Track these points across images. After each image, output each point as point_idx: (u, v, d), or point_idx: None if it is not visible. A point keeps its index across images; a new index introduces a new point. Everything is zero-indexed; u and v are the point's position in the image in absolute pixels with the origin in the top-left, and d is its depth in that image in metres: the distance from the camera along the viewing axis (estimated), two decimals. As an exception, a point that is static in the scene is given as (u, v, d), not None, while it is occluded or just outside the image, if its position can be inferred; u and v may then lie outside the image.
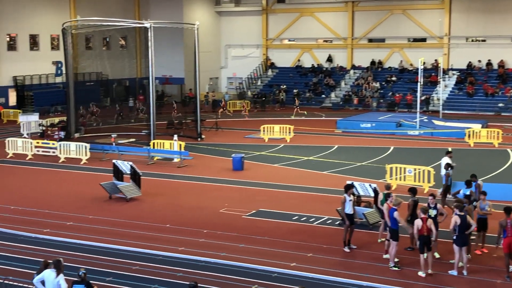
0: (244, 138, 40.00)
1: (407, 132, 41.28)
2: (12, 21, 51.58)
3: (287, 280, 16.25)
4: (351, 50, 62.69)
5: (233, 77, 67.30)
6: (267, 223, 21.45)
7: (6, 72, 51.32)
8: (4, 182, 28.13)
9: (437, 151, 34.35)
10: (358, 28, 62.19)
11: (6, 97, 51.46)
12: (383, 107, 54.53)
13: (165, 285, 15.74)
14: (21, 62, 52.43)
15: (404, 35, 60.49)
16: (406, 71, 59.44)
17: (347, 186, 19.07)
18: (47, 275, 12.66)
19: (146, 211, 22.94)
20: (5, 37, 51.52)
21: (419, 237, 16.60)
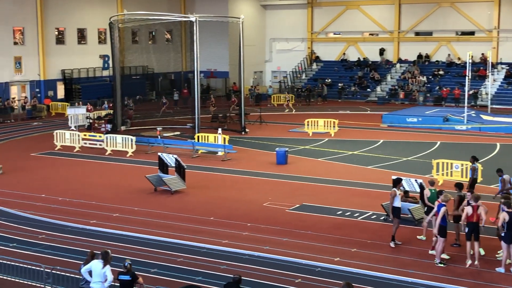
0: (288, 132, 39.95)
1: (454, 127, 40.66)
2: (61, 15, 52.46)
3: (330, 274, 16.20)
4: (398, 44, 61.94)
5: (277, 70, 67.21)
6: (311, 217, 21.40)
7: (55, 65, 52.23)
8: (52, 173, 28.69)
9: (485, 147, 33.85)
10: (405, 21, 61.37)
11: (54, 90, 52.38)
12: (429, 102, 53.78)
13: (209, 278, 15.86)
14: (69, 55, 53.29)
15: (452, 28, 59.46)
16: (454, 65, 58.46)
17: (396, 180, 18.93)
18: (94, 266, 12.90)
19: (190, 204, 23.12)
20: (53, 31, 52.42)
21: (468, 224, 16.51)
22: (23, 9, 49.28)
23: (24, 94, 49.72)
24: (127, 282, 12.72)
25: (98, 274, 12.83)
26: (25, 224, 20.73)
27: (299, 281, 15.81)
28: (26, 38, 49.92)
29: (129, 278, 12.70)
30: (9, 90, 48.68)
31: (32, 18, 50.04)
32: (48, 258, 17.06)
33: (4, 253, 17.04)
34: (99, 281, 12.82)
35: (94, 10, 55.13)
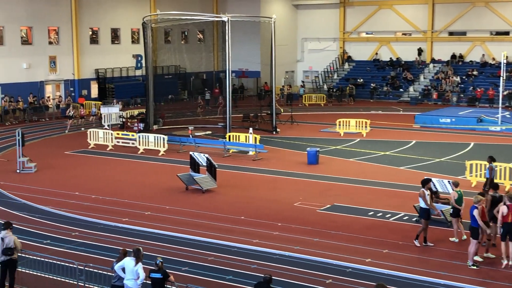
0: (320, 132, 39.81)
1: (488, 128, 40.09)
2: (95, 15, 53.01)
3: (361, 275, 16.10)
4: (431, 44, 61.30)
5: (309, 70, 67.04)
6: (342, 218, 21.30)
7: (89, 65, 52.79)
8: (86, 172, 28.99)
9: (519, 148, 33.34)
10: (438, 21, 60.71)
11: (88, 89, 52.94)
12: (463, 102, 53.13)
13: (239, 277, 15.87)
14: (102, 55, 53.83)
15: (486, 28, 58.62)
16: (488, 65, 57.65)
17: (425, 181, 18.79)
18: (126, 263, 13.01)
19: (221, 203, 23.17)
20: (88, 30, 52.98)
21: (503, 225, 16.35)
22: (58, 9, 49.91)
23: (58, 93, 50.34)
24: (158, 280, 12.80)
25: (130, 271, 12.93)
26: (59, 221, 20.99)
27: (329, 282, 15.74)
28: (61, 37, 50.53)
29: (161, 276, 12.78)
30: (44, 89, 49.32)
31: (67, 18, 50.65)
32: (81, 255, 17.25)
33: (38, 250, 17.25)
34: (132, 278, 12.92)
35: (128, 10, 55.60)
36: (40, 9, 48.38)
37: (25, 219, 21.11)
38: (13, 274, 14.75)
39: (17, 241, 14.77)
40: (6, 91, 45.67)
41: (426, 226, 18.34)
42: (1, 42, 46.47)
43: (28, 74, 47.81)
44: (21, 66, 47.34)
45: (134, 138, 34.36)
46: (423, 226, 18.36)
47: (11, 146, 33.46)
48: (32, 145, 34.81)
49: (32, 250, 16.67)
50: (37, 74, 48.59)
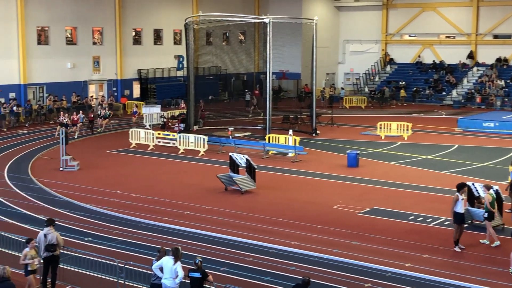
0: (360, 135, 39.56)
1: (533, 133, 39.35)
2: (138, 16, 53.62)
3: (401, 280, 15.95)
4: (475, 47, 60.39)
5: (350, 72, 66.68)
6: (381, 222, 21.13)
7: (131, 65, 53.41)
8: (127, 171, 29.33)
9: None
10: (483, 23, 59.76)
11: (130, 89, 53.57)
12: (507, 106, 52.12)
13: (277, 278, 15.87)
14: (145, 55, 54.40)
15: (533, 31, 57.61)
16: (534, 69, 56.61)
17: (460, 185, 18.62)
18: (165, 262, 13.11)
19: (260, 204, 23.21)
20: (131, 31, 53.61)
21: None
22: (102, 10, 50.62)
23: (101, 92, 51.03)
24: (197, 279, 12.87)
25: (169, 270, 13.03)
26: (100, 219, 21.29)
27: (368, 286, 15.63)
28: (105, 38, 51.24)
29: (199, 276, 12.84)
30: (88, 88, 50.11)
31: (111, 19, 51.34)
32: (121, 253, 17.45)
33: (79, 247, 17.52)
34: (170, 277, 13.01)
35: (170, 11, 56.10)
36: (85, 10, 49.13)
37: (67, 216, 21.47)
38: (55, 270, 15.00)
39: (60, 238, 15.01)
40: (50, 91, 46.54)
41: (458, 230, 18.21)
42: (47, 42, 47.36)
43: (72, 74, 48.62)
44: (66, 66, 48.15)
45: (174, 138, 34.64)
46: (456, 231, 18.28)
47: (55, 144, 34.06)
48: (75, 144, 35.37)
49: (73, 247, 16.95)
50: (81, 74, 49.37)
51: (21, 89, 45.08)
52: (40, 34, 46.96)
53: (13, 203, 23.23)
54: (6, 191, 25.11)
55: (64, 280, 15.49)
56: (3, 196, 24.15)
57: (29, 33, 45.37)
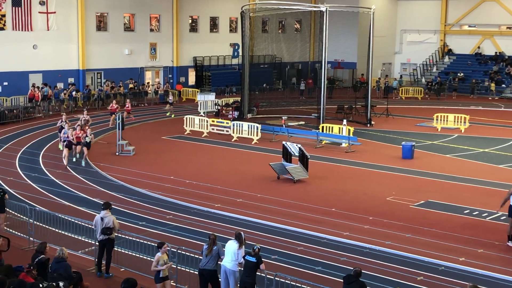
0: (416, 126, 39.01)
1: None
2: (195, 4, 53.99)
3: (454, 274, 15.72)
4: (538, 38, 58.76)
5: (407, 63, 65.71)
6: (436, 215, 20.84)
7: (187, 52, 53.88)
8: (181, 157, 29.67)
9: None
10: (547, 14, 58.12)
11: (186, 77, 54.08)
12: None
13: (328, 268, 15.84)
14: (201, 43, 54.77)
15: None
16: None
17: None
18: (228, 245, 13.46)
19: (312, 194, 23.17)
20: (187, 19, 54.03)
21: None
22: (159, -3, 51.21)
23: (157, 79, 51.69)
24: (252, 264, 13.05)
25: (231, 253, 13.31)
26: (154, 204, 21.62)
27: (420, 279, 15.47)
28: (162, 25, 51.79)
29: (255, 261, 13.04)
30: (144, 75, 50.80)
31: (168, 6, 51.83)
32: (174, 238, 17.70)
33: (133, 231, 17.81)
34: (232, 259, 13.31)
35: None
36: (143, -3, 49.77)
37: (122, 200, 21.87)
38: (110, 253, 15.31)
39: (116, 222, 15.31)
40: (108, 76, 47.34)
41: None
42: (105, 28, 48.15)
43: (130, 60, 49.37)
44: (123, 52, 48.90)
45: (228, 126, 34.82)
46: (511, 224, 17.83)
47: (112, 129, 34.67)
48: (131, 129, 35.91)
49: (128, 231, 17.24)
50: (138, 61, 50.09)
51: (79, 74, 46.02)
52: (100, 20, 47.78)
53: (71, 186, 23.79)
54: (64, 174, 25.72)
55: (118, 263, 15.79)
56: (61, 179, 24.76)
57: (89, 19, 46.20)
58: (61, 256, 13.11)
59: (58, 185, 23.89)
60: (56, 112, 41.03)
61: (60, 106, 41.61)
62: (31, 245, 16.75)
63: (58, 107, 41.74)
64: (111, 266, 15.40)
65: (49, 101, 41.46)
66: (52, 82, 43.31)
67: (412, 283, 15.20)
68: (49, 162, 27.80)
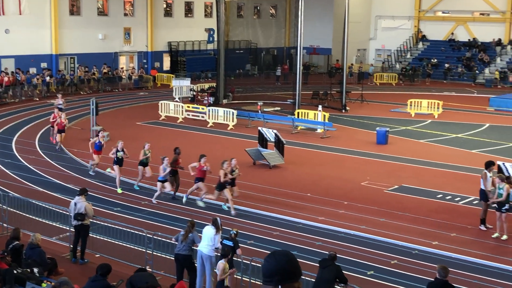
0: (390, 112, 39.26)
1: None
2: (169, -11, 53.65)
3: (428, 258, 15.93)
4: (510, 25, 59.25)
5: (381, 49, 65.96)
6: (409, 200, 21.06)
7: (162, 37, 53.51)
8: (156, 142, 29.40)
9: None
10: (519, 1, 58.67)
11: (160, 62, 53.74)
12: (541, 86, 51.40)
13: (304, 253, 15.93)
14: (176, 28, 54.41)
15: None
16: None
17: (488, 163, 18.59)
18: (205, 231, 13.51)
19: (288, 179, 23.25)
20: (162, 3, 53.62)
21: None
22: (134, -19, 50.70)
23: (132, 64, 51.26)
24: (229, 247, 13.12)
25: (208, 238, 13.38)
26: (129, 189, 21.52)
27: (394, 263, 15.66)
28: (136, 9, 51.34)
29: (232, 245, 13.11)
30: (118, 60, 50.36)
31: (142, -10, 51.41)
32: (149, 224, 17.66)
33: (108, 217, 17.77)
34: (208, 244, 13.40)
35: (202, -17, 56.01)
36: (117, -19, 49.26)
37: (97, 186, 21.76)
38: (84, 239, 15.24)
39: (89, 208, 15.17)
40: (81, 61, 46.86)
41: (485, 208, 18.05)
42: (79, 12, 47.63)
43: (103, 45, 48.90)
44: (97, 37, 48.42)
45: (204, 112, 34.75)
46: (484, 208, 18.11)
47: (85, 115, 34.37)
48: (106, 115, 35.62)
49: (103, 217, 17.18)
50: (112, 45, 49.63)
51: (52, 59, 45.48)
52: (73, 4, 47.19)
53: (44, 172, 23.59)
54: (37, 160, 25.50)
55: (94, 249, 15.73)
56: (34, 165, 24.54)
57: (62, 3, 45.63)
58: (33, 242, 13.02)
59: (32, 171, 23.68)
60: (29, 97, 40.57)
61: (33, 91, 41.12)
62: (4, 232, 16.61)
63: (31, 92, 41.25)
64: (86, 252, 15.33)
65: (21, 86, 40.95)
66: (25, 67, 42.79)
67: (386, 267, 15.38)
68: (22, 148, 27.51)
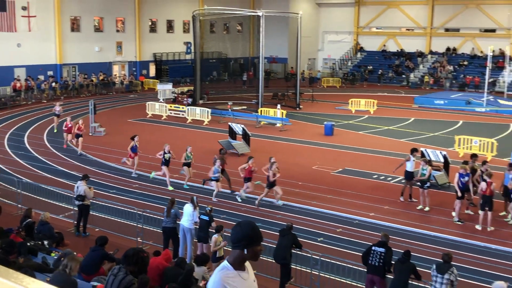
0: (335, 109, 39.50)
1: (474, 109, 39.40)
2: (154, 9, 52.99)
3: (366, 226, 16.12)
4: (430, 38, 60.06)
5: (327, 58, 66.29)
6: (351, 180, 21.23)
7: (148, 49, 52.95)
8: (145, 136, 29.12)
9: (500, 127, 32.76)
10: (437, 19, 59.41)
11: (147, 69, 53.19)
12: (455, 87, 52.16)
13: (266, 224, 15.95)
14: (159, 41, 53.89)
15: (477, 26, 57.21)
16: (477, 57, 56.37)
17: (412, 149, 18.99)
18: (185, 208, 13.38)
19: (253, 165, 23.18)
20: (148, 21, 53.02)
21: (482, 197, 16.01)
22: (124, 3, 49.98)
23: (123, 72, 50.65)
24: (205, 221, 13.09)
25: (188, 214, 13.31)
26: (122, 175, 21.30)
27: (339, 231, 15.79)
28: (126, 27, 50.67)
29: (207, 219, 13.08)
30: (112, 68, 49.69)
31: (131, 10, 50.72)
32: (139, 203, 17.50)
33: (106, 198, 17.56)
34: (188, 219, 13.36)
35: (180, 4, 55.42)
36: (110, 2, 48.50)
37: (96, 172, 21.46)
38: (86, 216, 15.08)
39: (87, 191, 14.93)
40: (82, 70, 46.15)
41: (408, 185, 18.37)
42: (78, 29, 46.78)
43: (99, 56, 48.18)
44: (94, 49, 47.69)
45: (183, 110, 34.53)
46: (406, 185, 18.47)
47: (85, 113, 33.86)
48: (102, 114, 35.18)
49: (101, 198, 16.99)
50: (107, 56, 48.94)
51: (57, 68, 44.68)
52: (73, 22, 46.34)
53: (51, 161, 23.21)
54: (46, 151, 25.07)
55: (94, 224, 15.56)
56: (43, 156, 24.12)
57: (64, 22, 44.83)
58: (43, 219, 12.83)
59: (41, 161, 23.26)
60: (37, 100, 39.85)
61: (41, 95, 40.41)
62: (19, 211, 16.30)
63: (39, 95, 40.53)
64: (87, 227, 15.16)
65: (31, 90, 40.20)
66: (34, 75, 41.99)
67: (333, 234, 15.50)
68: (33, 142, 27.03)
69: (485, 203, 15.89)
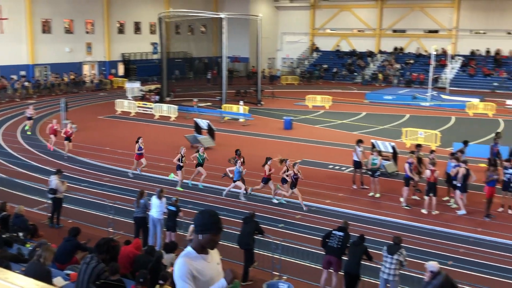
0: (294, 105, 39.71)
1: (420, 104, 40.24)
2: (122, 11, 52.12)
3: (323, 213, 16.30)
4: (379, 39, 60.97)
5: (286, 57, 66.54)
6: (309, 170, 21.38)
7: (117, 50, 52.08)
8: (114, 132, 28.84)
9: (443, 119, 33.56)
10: (385, 21, 60.32)
11: (116, 69, 52.33)
12: (402, 84, 53.16)
13: (230, 212, 15.98)
14: (127, 42, 53.07)
15: (421, 27, 58.40)
16: (421, 56, 57.54)
17: (358, 140, 19.30)
18: (153, 200, 13.23)
19: (218, 157, 23.14)
20: (116, 23, 52.13)
21: (427, 183, 16.37)
22: (93, 5, 48.98)
23: (93, 71, 49.71)
24: (173, 212, 13.01)
25: (156, 205, 13.19)
26: (94, 169, 20.96)
27: (299, 217, 15.92)
28: (95, 28, 49.69)
29: (175, 209, 13.00)
30: (82, 68, 48.69)
31: (100, 13, 49.75)
32: (111, 195, 17.27)
33: (78, 191, 17.25)
34: (156, 210, 13.19)
35: (147, 7, 54.66)
36: (80, 5, 47.46)
37: (68, 167, 21.04)
38: (59, 208, 14.78)
39: (59, 185, 14.62)
40: (53, 69, 45.10)
41: (358, 173, 18.69)
42: (49, 31, 45.64)
43: (70, 56, 47.16)
44: (65, 50, 46.64)
45: (151, 107, 34.14)
46: (354, 173, 18.81)
47: (57, 111, 33.13)
48: (73, 111, 34.47)
49: (74, 191, 16.67)
50: (77, 57, 47.93)
51: (29, 68, 43.53)
52: (44, 24, 45.18)
53: (25, 157, 22.64)
54: (20, 147, 24.43)
55: (67, 216, 15.28)
56: (17, 152, 23.50)
57: (36, 24, 43.67)
58: (19, 213, 12.53)
59: (15, 157, 22.66)
60: (11, 99, 38.77)
61: (14, 94, 39.31)
62: (-7, 206, 15.84)
63: (12, 94, 39.41)
64: (61, 218, 14.86)
65: (5, 89, 39.06)
66: (7, 74, 40.77)
67: (293, 221, 15.62)
68: (7, 139, 26.28)
69: (430, 189, 16.27)
